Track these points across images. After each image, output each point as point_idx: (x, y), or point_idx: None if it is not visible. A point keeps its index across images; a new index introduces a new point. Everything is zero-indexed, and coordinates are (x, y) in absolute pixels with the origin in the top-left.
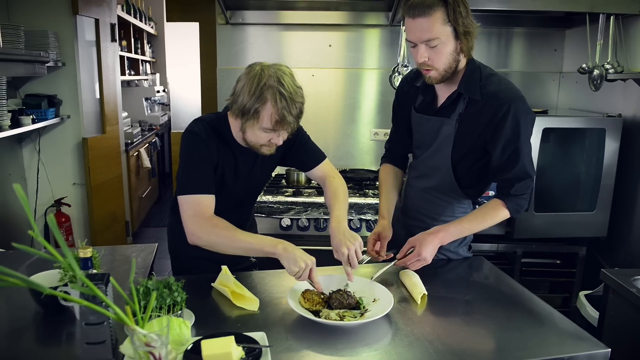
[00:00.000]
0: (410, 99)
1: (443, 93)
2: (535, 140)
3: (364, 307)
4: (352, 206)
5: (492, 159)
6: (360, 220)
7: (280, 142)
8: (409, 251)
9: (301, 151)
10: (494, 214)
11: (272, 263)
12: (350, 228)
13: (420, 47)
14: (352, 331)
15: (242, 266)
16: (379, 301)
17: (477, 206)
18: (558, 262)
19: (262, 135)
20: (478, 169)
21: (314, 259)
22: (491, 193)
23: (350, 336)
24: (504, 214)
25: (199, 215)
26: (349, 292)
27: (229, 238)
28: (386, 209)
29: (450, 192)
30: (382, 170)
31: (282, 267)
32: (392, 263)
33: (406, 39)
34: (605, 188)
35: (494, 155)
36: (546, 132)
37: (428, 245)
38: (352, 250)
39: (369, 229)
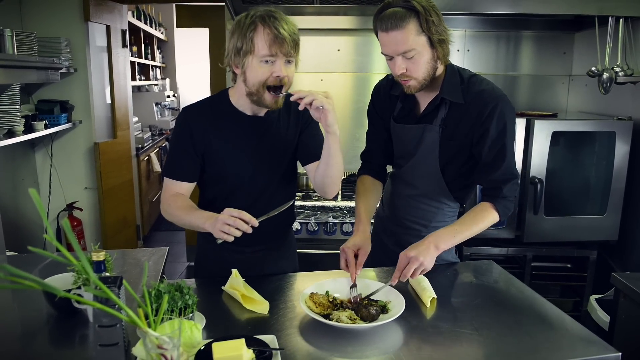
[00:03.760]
0: (387, 108)
1: (423, 99)
2: (544, 143)
3: (387, 309)
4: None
5: (478, 160)
6: None
7: (283, 72)
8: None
9: (310, 138)
10: (483, 215)
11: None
12: (345, 233)
13: (397, 60)
14: (362, 334)
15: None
16: (390, 304)
17: (464, 206)
18: (568, 265)
19: (261, 69)
20: (466, 171)
21: (227, 211)
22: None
23: (360, 339)
24: (493, 216)
25: (165, 195)
26: (375, 300)
27: (177, 217)
28: (366, 216)
29: (441, 197)
30: (360, 180)
31: (292, 271)
32: (388, 283)
33: (382, 52)
34: (616, 191)
35: (480, 155)
36: (556, 136)
37: (422, 250)
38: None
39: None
